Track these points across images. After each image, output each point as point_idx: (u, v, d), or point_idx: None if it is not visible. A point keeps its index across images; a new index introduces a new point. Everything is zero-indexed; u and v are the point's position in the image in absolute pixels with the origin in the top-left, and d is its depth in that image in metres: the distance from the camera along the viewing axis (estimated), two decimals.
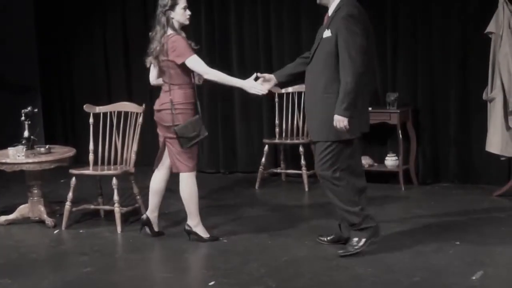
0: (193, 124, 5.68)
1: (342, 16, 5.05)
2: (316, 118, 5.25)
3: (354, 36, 5.00)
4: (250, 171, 8.33)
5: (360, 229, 5.34)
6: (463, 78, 7.44)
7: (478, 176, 7.51)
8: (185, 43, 5.62)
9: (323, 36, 5.16)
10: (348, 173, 5.34)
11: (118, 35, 9.20)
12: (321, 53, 5.17)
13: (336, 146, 5.20)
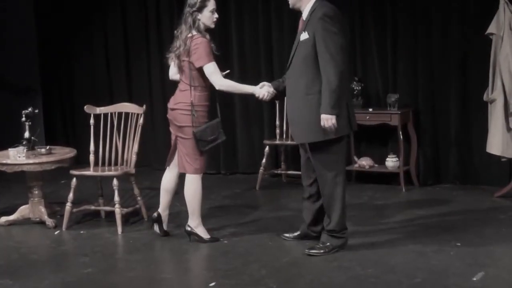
0: (213, 127, 5.70)
1: (318, 17, 5.10)
2: (302, 121, 5.28)
3: (333, 35, 5.05)
4: (251, 172, 8.33)
5: (333, 236, 5.40)
6: (463, 79, 7.44)
7: (478, 177, 7.51)
8: (208, 47, 5.59)
9: (301, 39, 5.20)
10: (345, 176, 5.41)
11: (119, 36, 9.20)
12: (299, 57, 5.22)
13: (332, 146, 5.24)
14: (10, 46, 9.31)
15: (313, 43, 5.10)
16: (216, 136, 5.71)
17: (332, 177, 5.31)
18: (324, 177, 5.35)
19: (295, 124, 5.38)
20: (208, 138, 5.66)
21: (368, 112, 7.53)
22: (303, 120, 5.26)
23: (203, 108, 5.70)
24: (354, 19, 7.86)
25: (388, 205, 6.93)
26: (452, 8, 7.40)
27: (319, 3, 5.20)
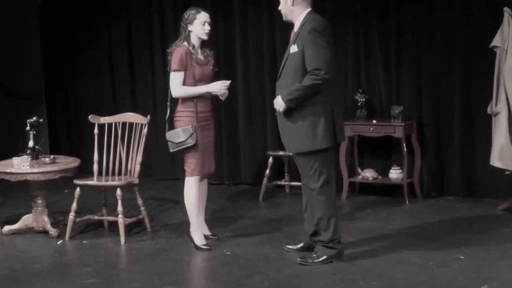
0: (183, 131, 5.84)
1: (307, 30, 5.17)
2: (289, 131, 5.34)
3: (320, 49, 5.11)
4: (254, 183, 8.33)
5: (325, 246, 5.41)
6: (467, 91, 7.44)
7: (482, 190, 7.50)
8: (180, 56, 5.81)
9: (291, 51, 5.29)
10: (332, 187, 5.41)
11: (123, 46, 9.23)
12: (289, 68, 5.30)
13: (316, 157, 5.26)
14: (15, 55, 9.33)
15: (301, 56, 5.18)
16: (185, 140, 5.82)
17: (318, 188, 5.33)
18: (309, 188, 5.40)
19: (283, 134, 5.45)
20: (176, 140, 5.84)
21: (372, 124, 7.53)
22: (289, 130, 5.34)
23: (187, 114, 5.87)
24: (358, 31, 7.87)
25: (391, 217, 6.92)
26: (457, 21, 7.41)
27: (309, 16, 5.27)
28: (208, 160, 6.04)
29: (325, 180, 5.33)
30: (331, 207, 5.39)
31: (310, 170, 5.33)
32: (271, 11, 8.16)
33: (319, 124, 5.20)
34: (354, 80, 7.94)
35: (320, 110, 5.19)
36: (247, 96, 8.53)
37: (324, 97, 5.20)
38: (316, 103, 5.19)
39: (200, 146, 5.88)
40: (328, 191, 5.37)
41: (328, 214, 5.37)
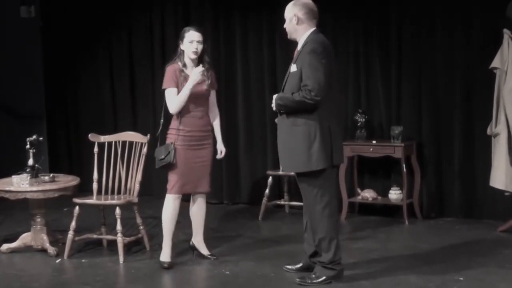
0: (164, 148, 5.95)
1: (307, 51, 5.20)
2: (287, 151, 5.34)
3: (315, 71, 5.12)
4: (254, 203, 8.32)
5: (325, 267, 5.39)
6: (467, 112, 7.45)
7: (482, 211, 7.49)
8: (170, 73, 5.92)
9: (291, 71, 5.32)
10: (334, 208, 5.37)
11: (124, 65, 9.26)
12: (289, 87, 5.32)
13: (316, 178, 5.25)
14: (16, 73, 9.36)
15: (299, 76, 5.20)
16: (164, 158, 5.92)
17: (320, 210, 5.31)
18: (310, 209, 5.37)
19: (282, 153, 5.45)
20: (159, 157, 5.95)
21: (371, 144, 7.54)
22: (288, 150, 5.33)
23: (172, 132, 5.99)
24: (359, 51, 7.90)
25: (391, 237, 6.91)
26: (456, 41, 7.44)
27: (312, 36, 5.29)
28: (196, 181, 6.01)
29: (327, 201, 5.31)
30: (333, 229, 5.36)
31: (311, 190, 5.31)
32: (272, 30, 8.23)
33: (314, 145, 5.19)
34: (354, 100, 7.95)
35: (317, 131, 5.19)
36: (248, 115, 8.54)
37: (321, 117, 5.19)
38: (312, 123, 5.19)
39: (182, 165, 5.91)
40: (330, 212, 5.33)
41: (329, 236, 5.34)
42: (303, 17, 5.29)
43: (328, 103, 5.19)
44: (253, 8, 8.40)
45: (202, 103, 5.97)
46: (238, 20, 8.51)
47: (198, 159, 5.97)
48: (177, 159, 5.90)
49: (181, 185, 5.97)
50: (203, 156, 6.00)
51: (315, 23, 5.37)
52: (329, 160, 5.25)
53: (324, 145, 5.20)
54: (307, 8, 5.32)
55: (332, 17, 7.82)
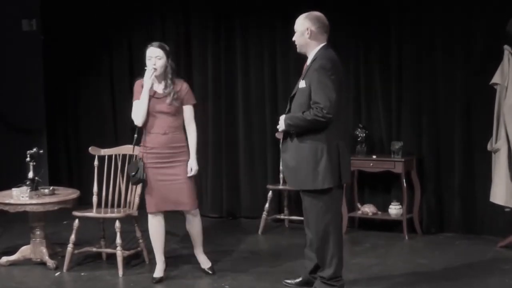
0: (134, 164, 5.98)
1: (315, 68, 5.11)
2: (293, 167, 5.26)
3: (325, 88, 5.03)
4: (254, 217, 8.31)
5: (326, 283, 5.35)
6: (467, 128, 7.46)
7: (482, 226, 7.48)
8: (136, 88, 6.02)
9: (299, 87, 5.22)
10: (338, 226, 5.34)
11: (125, 78, 9.26)
12: (296, 103, 5.24)
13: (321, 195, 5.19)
14: (16, 86, 9.38)
15: (308, 93, 5.11)
16: (135, 174, 5.92)
17: (324, 227, 5.25)
18: (315, 225, 5.31)
19: (287, 168, 5.37)
20: (131, 173, 5.96)
21: (371, 159, 7.54)
22: (294, 166, 5.25)
23: (142, 149, 6.01)
24: (359, 67, 7.92)
25: (390, 253, 6.90)
26: (457, 57, 7.45)
27: (322, 52, 5.21)
28: (174, 198, 5.90)
29: (330, 219, 5.24)
30: (335, 245, 5.29)
31: (315, 207, 5.23)
32: (273, 43, 8.24)
33: (321, 163, 5.10)
34: (354, 115, 7.96)
35: (324, 149, 5.10)
36: (248, 129, 8.55)
37: (328, 135, 5.10)
38: (319, 141, 5.11)
39: (152, 183, 5.87)
40: (333, 229, 5.27)
41: (331, 252, 5.28)
42: (316, 31, 5.22)
43: (336, 121, 5.09)
44: (254, 22, 8.42)
45: (166, 119, 5.88)
46: (239, 33, 8.52)
47: (168, 177, 5.87)
48: (147, 176, 5.88)
49: (156, 203, 5.91)
50: (175, 174, 5.88)
51: (326, 38, 5.29)
52: (335, 180, 5.17)
53: (331, 164, 5.11)
54: (320, 22, 5.26)
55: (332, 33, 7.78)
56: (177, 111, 5.91)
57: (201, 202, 8.80)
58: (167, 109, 5.86)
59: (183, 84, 5.99)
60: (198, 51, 8.78)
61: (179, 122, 5.95)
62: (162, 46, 5.93)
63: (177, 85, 5.94)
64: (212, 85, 8.68)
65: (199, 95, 8.74)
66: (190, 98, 6.00)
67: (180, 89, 5.93)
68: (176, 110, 5.90)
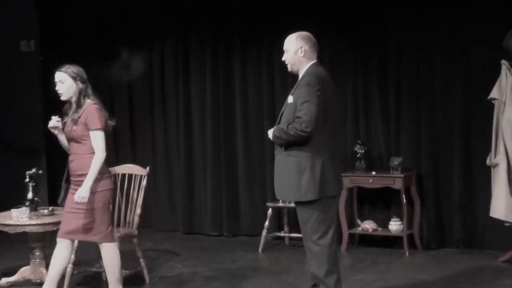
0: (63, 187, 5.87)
1: (303, 84, 5.23)
2: (281, 179, 5.35)
3: (308, 104, 5.13)
4: (254, 234, 8.29)
5: None
6: (466, 143, 7.47)
7: (482, 241, 7.47)
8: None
9: (288, 102, 5.35)
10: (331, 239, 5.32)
11: (124, 99, 9.28)
12: (285, 118, 5.34)
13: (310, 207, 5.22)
14: (15, 106, 9.38)
15: (295, 108, 5.22)
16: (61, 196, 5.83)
17: (316, 239, 5.25)
18: (307, 238, 5.32)
19: (275, 180, 5.45)
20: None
21: (371, 175, 7.54)
22: (282, 178, 5.33)
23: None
24: (357, 83, 7.94)
25: (391, 269, 6.88)
26: (455, 73, 7.48)
27: (311, 69, 5.32)
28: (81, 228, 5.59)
29: (323, 232, 5.26)
30: (330, 259, 5.30)
31: (307, 220, 5.26)
32: (271, 62, 8.27)
33: (304, 176, 5.18)
34: (353, 132, 7.97)
35: (307, 163, 5.18)
36: (247, 147, 8.56)
37: (313, 150, 5.18)
38: (304, 155, 5.19)
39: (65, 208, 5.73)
40: (327, 243, 5.28)
41: (327, 266, 5.29)
42: (309, 49, 5.35)
43: (322, 136, 5.18)
44: (252, 40, 8.45)
45: (72, 145, 5.67)
46: (237, 52, 8.55)
47: (74, 205, 5.56)
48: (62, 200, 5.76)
49: (62, 230, 5.67)
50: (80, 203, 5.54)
51: (316, 56, 5.42)
52: (319, 192, 5.20)
53: (313, 178, 5.17)
54: (311, 41, 5.39)
55: (330, 50, 7.86)
56: (81, 137, 5.59)
57: (201, 220, 8.82)
58: (69, 134, 5.64)
59: (87, 108, 5.63)
60: (196, 67, 8.79)
61: (84, 148, 5.59)
62: (66, 70, 5.73)
63: (81, 109, 5.63)
64: (210, 103, 8.69)
65: (198, 112, 8.78)
66: (92, 123, 5.57)
67: (82, 113, 5.60)
68: (79, 136, 5.59)
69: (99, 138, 5.59)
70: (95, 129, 5.57)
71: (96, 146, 5.57)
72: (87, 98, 5.68)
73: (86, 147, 5.58)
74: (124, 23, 9.18)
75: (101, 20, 9.30)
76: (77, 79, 5.72)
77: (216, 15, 8.65)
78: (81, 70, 5.80)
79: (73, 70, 5.75)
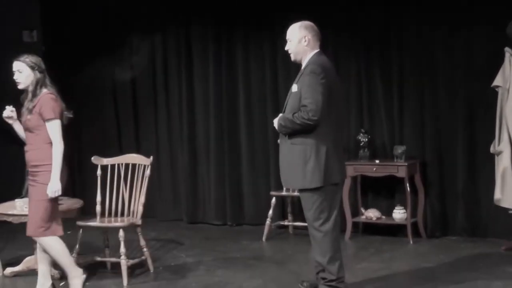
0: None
1: (307, 73, 5.28)
2: (286, 167, 5.41)
3: (313, 92, 5.17)
4: (258, 223, 8.30)
5: (328, 285, 5.37)
6: (470, 131, 7.46)
7: (486, 229, 7.47)
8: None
9: (292, 91, 5.40)
10: (333, 226, 5.35)
11: (127, 87, 9.28)
12: (290, 106, 5.40)
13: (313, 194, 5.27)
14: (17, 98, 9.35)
15: (299, 97, 5.27)
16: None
17: (318, 226, 5.31)
18: (310, 225, 5.38)
19: (281, 168, 5.51)
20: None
21: (375, 164, 7.54)
22: (287, 166, 5.39)
23: None
24: (360, 71, 7.93)
25: (395, 257, 6.89)
26: (459, 60, 7.46)
27: (314, 58, 5.37)
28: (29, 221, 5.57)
29: (325, 218, 5.31)
30: (332, 246, 5.34)
31: (310, 207, 5.32)
32: (274, 50, 8.25)
33: (309, 164, 5.24)
34: (356, 120, 7.96)
35: (312, 151, 5.23)
36: (250, 136, 8.56)
37: (317, 138, 5.23)
38: (308, 143, 5.25)
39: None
40: (329, 230, 5.33)
41: (330, 253, 5.33)
42: (312, 38, 5.40)
43: (326, 124, 5.22)
44: (254, 29, 8.44)
45: (27, 135, 5.59)
46: (240, 42, 8.54)
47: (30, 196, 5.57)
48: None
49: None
50: (31, 193, 5.55)
51: (319, 45, 5.47)
52: (324, 179, 5.27)
53: (318, 165, 5.24)
54: (314, 30, 5.44)
55: (333, 39, 7.85)
56: (36, 127, 5.51)
57: (205, 209, 8.83)
58: (25, 124, 5.56)
59: (42, 97, 5.55)
60: (199, 59, 8.79)
61: (38, 138, 5.53)
62: (24, 59, 5.62)
63: (36, 99, 5.55)
64: (213, 92, 8.69)
65: (201, 102, 8.78)
66: (46, 112, 5.49)
67: (37, 102, 5.53)
68: (33, 126, 5.51)
69: (55, 128, 5.55)
70: (49, 119, 5.51)
71: (52, 136, 5.53)
72: (44, 88, 5.62)
73: (40, 137, 5.52)
74: (126, 13, 9.16)
75: (103, 10, 9.28)
76: (35, 69, 5.62)
77: (219, 4, 8.63)
78: (39, 60, 5.70)
79: (31, 60, 5.65)
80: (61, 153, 5.59)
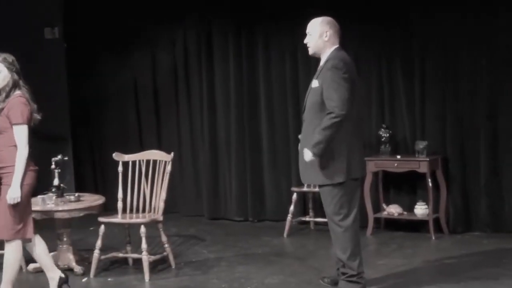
0: None
1: (328, 67, 5.28)
2: (307, 164, 5.37)
3: (337, 87, 5.19)
4: (279, 219, 8.30)
5: (349, 280, 5.37)
6: (492, 126, 7.40)
7: (509, 224, 7.41)
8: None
9: (312, 86, 5.40)
10: (353, 221, 5.36)
11: (149, 84, 9.31)
12: (310, 102, 5.41)
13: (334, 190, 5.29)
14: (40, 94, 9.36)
15: (321, 92, 5.27)
16: None
17: (338, 221, 5.33)
18: (330, 220, 5.40)
19: (301, 165, 5.52)
20: None
21: (396, 159, 7.50)
22: (307, 163, 5.37)
23: None
24: (381, 66, 7.89)
25: (417, 253, 6.85)
26: (481, 54, 7.40)
27: (335, 53, 5.38)
28: None
29: (346, 214, 5.32)
30: (352, 241, 5.35)
31: (330, 202, 5.34)
32: (294, 46, 8.22)
33: (332, 159, 5.25)
34: (378, 115, 7.93)
35: (335, 147, 5.24)
36: (271, 132, 8.55)
37: (339, 134, 5.23)
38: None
39: None
40: (349, 225, 5.34)
41: (350, 248, 5.34)
42: (333, 34, 5.42)
43: (347, 119, 5.22)
44: (274, 24, 8.42)
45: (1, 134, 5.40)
46: (260, 36, 8.53)
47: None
48: None
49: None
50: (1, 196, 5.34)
51: (339, 41, 5.48)
52: (346, 174, 5.28)
53: (340, 160, 5.26)
54: (335, 26, 5.46)
55: (355, 34, 7.80)
56: (3, 129, 5.35)
57: (226, 205, 8.84)
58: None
59: (12, 100, 5.41)
60: (219, 55, 8.79)
61: (5, 140, 5.35)
62: (2, 60, 5.44)
63: (7, 101, 5.40)
64: (234, 88, 8.69)
65: (222, 97, 8.78)
66: (13, 116, 5.35)
67: (6, 105, 5.37)
68: (2, 128, 5.36)
69: (21, 133, 5.39)
70: (17, 123, 5.36)
71: (18, 141, 5.37)
72: (18, 89, 5.51)
73: (6, 139, 5.36)
74: (147, 11, 9.17)
75: (124, 7, 9.30)
76: (13, 70, 5.49)
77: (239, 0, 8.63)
78: (15, 60, 5.53)
79: (9, 60, 5.49)
80: (25, 159, 5.41)
